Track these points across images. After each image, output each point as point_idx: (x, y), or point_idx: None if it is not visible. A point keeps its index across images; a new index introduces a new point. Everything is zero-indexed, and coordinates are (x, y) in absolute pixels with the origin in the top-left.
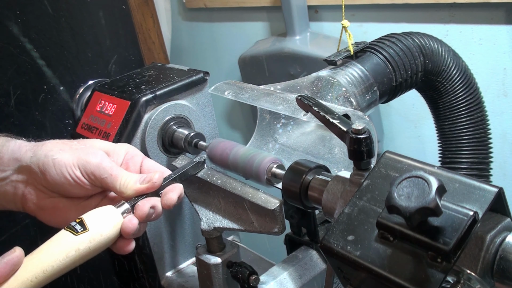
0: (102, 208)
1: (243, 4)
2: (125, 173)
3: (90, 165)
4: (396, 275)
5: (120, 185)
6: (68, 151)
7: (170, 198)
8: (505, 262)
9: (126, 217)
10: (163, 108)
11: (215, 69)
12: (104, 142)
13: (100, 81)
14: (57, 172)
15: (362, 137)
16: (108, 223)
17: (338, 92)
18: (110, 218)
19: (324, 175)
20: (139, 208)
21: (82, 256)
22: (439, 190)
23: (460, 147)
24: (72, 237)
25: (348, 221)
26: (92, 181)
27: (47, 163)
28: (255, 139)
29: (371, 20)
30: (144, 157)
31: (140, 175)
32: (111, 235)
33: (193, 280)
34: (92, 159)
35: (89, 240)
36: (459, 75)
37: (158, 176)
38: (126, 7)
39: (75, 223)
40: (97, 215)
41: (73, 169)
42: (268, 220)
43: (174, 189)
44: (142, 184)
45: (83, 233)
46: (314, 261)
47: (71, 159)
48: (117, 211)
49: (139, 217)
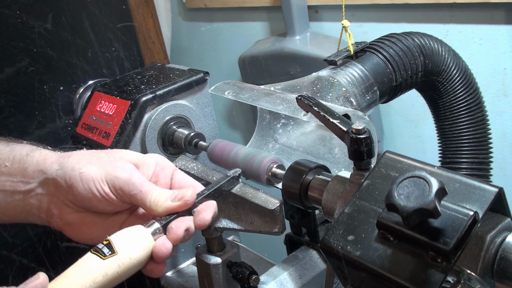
0: (131, 228)
1: (243, 4)
2: (155, 189)
3: (119, 181)
4: (396, 275)
5: (151, 202)
6: (96, 164)
7: (204, 218)
8: (505, 262)
9: (158, 239)
10: (163, 108)
11: (215, 69)
12: (133, 153)
13: (100, 81)
14: (84, 187)
15: (362, 137)
16: (138, 246)
17: (338, 92)
18: (140, 239)
19: (324, 175)
20: (173, 231)
21: (110, 282)
22: (439, 192)
23: (460, 147)
24: (100, 261)
25: (348, 221)
26: (121, 197)
27: (74, 177)
28: (255, 139)
29: (371, 20)
30: (175, 169)
31: (172, 192)
32: (141, 258)
33: (193, 280)
34: (121, 174)
35: (118, 265)
36: (459, 75)
37: (190, 193)
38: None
39: (103, 246)
40: (126, 237)
41: (101, 184)
42: (268, 220)
43: (207, 208)
44: (173, 202)
45: (111, 256)
46: (314, 261)
47: (99, 174)
48: (147, 231)
49: (172, 241)
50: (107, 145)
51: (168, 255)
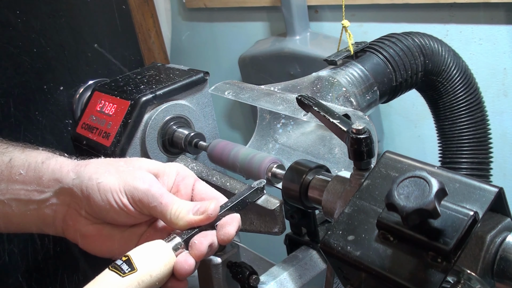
0: (151, 243)
1: (243, 4)
2: (176, 201)
3: (138, 192)
4: (396, 275)
5: (171, 215)
6: (114, 174)
7: (228, 233)
8: (505, 262)
9: (180, 255)
10: (163, 108)
11: (215, 69)
12: (153, 162)
13: (100, 81)
14: (102, 197)
15: (362, 137)
16: (159, 262)
17: (338, 92)
18: (160, 255)
19: (324, 175)
20: (196, 247)
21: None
22: (439, 192)
23: (460, 147)
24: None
25: (348, 221)
26: (140, 209)
27: (91, 187)
28: (255, 139)
29: (371, 20)
30: (196, 179)
31: (194, 204)
32: (162, 275)
33: (193, 280)
34: (141, 184)
35: (138, 282)
36: (459, 75)
37: (213, 206)
38: (126, 7)
39: (121, 262)
40: (146, 252)
41: (120, 195)
42: (268, 220)
43: (232, 222)
44: (195, 215)
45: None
46: (314, 261)
47: (118, 184)
48: (168, 246)
49: (195, 257)
50: (107, 145)
51: (191, 272)
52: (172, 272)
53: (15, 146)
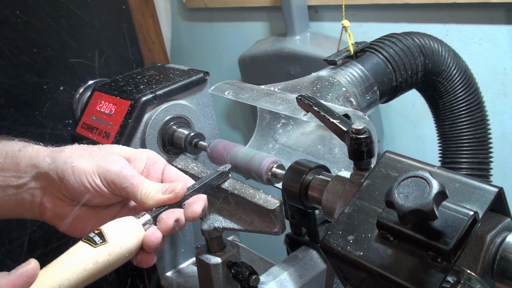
0: (122, 219)
1: (243, 4)
2: (146, 182)
3: (110, 173)
4: (396, 275)
5: (141, 195)
6: (87, 157)
7: (194, 210)
8: (505, 262)
9: (149, 229)
10: (163, 108)
11: (215, 69)
12: (125, 148)
13: (100, 81)
14: (77, 180)
15: (362, 137)
16: (129, 235)
17: (338, 92)
18: (130, 229)
19: (324, 175)
20: (163, 222)
21: (101, 269)
22: (439, 195)
23: (460, 147)
24: (91, 249)
25: (348, 221)
26: (112, 190)
27: (66, 170)
28: (255, 139)
29: (371, 20)
30: (166, 164)
31: (163, 185)
32: (131, 247)
33: (193, 280)
34: (113, 166)
35: (108, 253)
36: (459, 75)
37: (181, 186)
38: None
39: (94, 235)
40: (117, 227)
41: (93, 177)
42: (268, 220)
43: (198, 201)
44: (164, 195)
45: (102, 245)
46: (314, 261)
47: (91, 167)
48: (138, 222)
49: (162, 231)
50: None
51: (158, 245)
52: (141, 245)
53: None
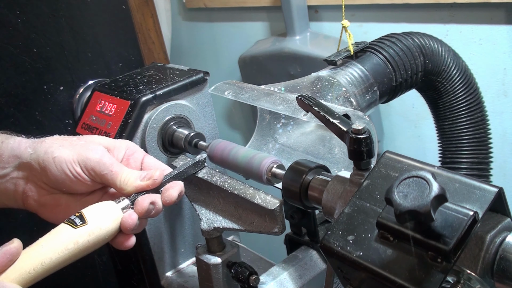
0: (102, 203)
1: (243, 4)
2: (125, 170)
3: (90, 161)
4: (396, 275)
5: (121, 181)
6: (68, 147)
7: (171, 195)
8: (505, 262)
9: (126, 212)
10: (163, 108)
11: (215, 69)
12: (104, 138)
13: (100, 81)
14: (58, 168)
15: (362, 137)
16: (108, 217)
17: (338, 92)
18: (109, 212)
19: (324, 175)
20: (139, 204)
21: (81, 250)
22: (437, 198)
23: (460, 147)
24: (71, 230)
25: (348, 221)
26: (93, 177)
27: (47, 160)
28: (255, 139)
29: (371, 20)
30: (145, 154)
31: (141, 172)
32: (110, 229)
33: (193, 280)
34: (92, 155)
35: (88, 234)
36: (459, 75)
37: (158, 173)
38: (126, 7)
39: (75, 217)
40: (97, 210)
41: (73, 165)
42: (268, 220)
43: (174, 186)
44: (142, 181)
45: (82, 226)
46: (314, 261)
47: (71, 155)
48: (117, 206)
49: (138, 213)
50: None
51: (134, 226)
52: (120, 228)
53: None
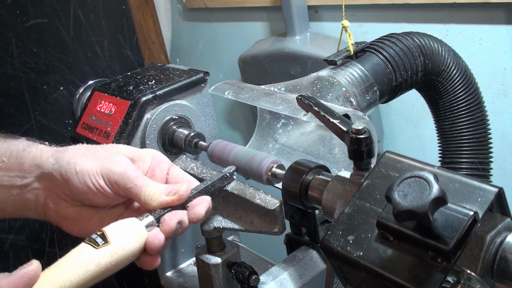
0: (125, 220)
1: (243, 4)
2: (150, 183)
3: (114, 174)
4: (396, 275)
5: (145, 196)
6: (91, 158)
7: (198, 212)
8: (505, 262)
9: (152, 231)
10: (163, 108)
11: (215, 69)
12: (129, 147)
13: (100, 81)
14: (80, 180)
15: (362, 137)
16: (131, 237)
17: (338, 92)
18: (133, 231)
19: (324, 175)
20: (166, 223)
21: (103, 272)
22: (436, 200)
23: (460, 147)
24: (93, 251)
25: (348, 221)
26: (116, 191)
27: (69, 171)
28: (255, 139)
29: (371, 20)
30: (171, 164)
31: (167, 186)
32: (134, 249)
33: (193, 280)
34: (116, 167)
35: (111, 254)
36: (459, 75)
37: (185, 188)
38: (126, 7)
39: (96, 236)
40: (120, 228)
41: (96, 177)
42: (268, 220)
43: (201, 203)
44: (168, 196)
45: (104, 246)
46: (314, 261)
47: (95, 167)
48: (141, 224)
49: (165, 233)
50: None
51: (160, 247)
52: (144, 247)
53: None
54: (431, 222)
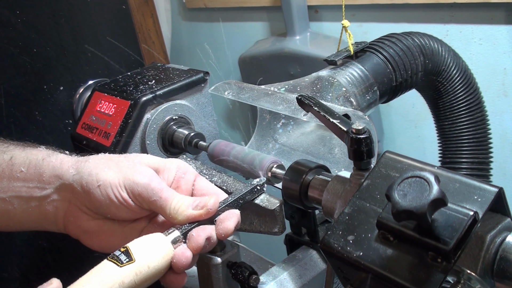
0: (149, 236)
1: (243, 4)
2: (176, 196)
3: (137, 186)
4: (396, 275)
5: (171, 209)
6: (113, 168)
7: (226, 228)
8: (505, 262)
9: (178, 248)
10: (163, 108)
11: (215, 69)
12: (153, 157)
13: (100, 81)
14: (102, 193)
15: (362, 137)
16: (157, 254)
17: (338, 92)
18: (159, 247)
19: (324, 175)
20: (194, 240)
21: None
22: (435, 202)
23: (460, 147)
24: (116, 269)
25: (348, 221)
26: (140, 204)
27: (91, 183)
28: (255, 139)
29: (371, 20)
30: (196, 175)
31: (193, 199)
32: (160, 267)
33: (193, 280)
34: (140, 179)
35: (135, 273)
36: (459, 75)
37: (213, 201)
38: (126, 7)
39: (120, 253)
40: (144, 244)
41: (119, 190)
42: (268, 220)
43: (230, 217)
44: (195, 210)
45: (129, 264)
46: (314, 261)
47: (117, 179)
48: (167, 239)
49: (193, 250)
50: (107, 145)
51: (188, 265)
52: (170, 265)
53: (16, 144)
54: (429, 222)
